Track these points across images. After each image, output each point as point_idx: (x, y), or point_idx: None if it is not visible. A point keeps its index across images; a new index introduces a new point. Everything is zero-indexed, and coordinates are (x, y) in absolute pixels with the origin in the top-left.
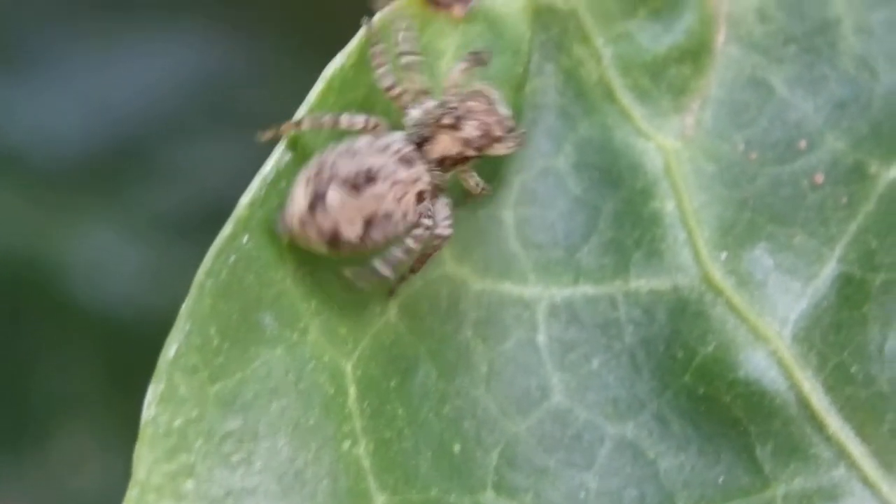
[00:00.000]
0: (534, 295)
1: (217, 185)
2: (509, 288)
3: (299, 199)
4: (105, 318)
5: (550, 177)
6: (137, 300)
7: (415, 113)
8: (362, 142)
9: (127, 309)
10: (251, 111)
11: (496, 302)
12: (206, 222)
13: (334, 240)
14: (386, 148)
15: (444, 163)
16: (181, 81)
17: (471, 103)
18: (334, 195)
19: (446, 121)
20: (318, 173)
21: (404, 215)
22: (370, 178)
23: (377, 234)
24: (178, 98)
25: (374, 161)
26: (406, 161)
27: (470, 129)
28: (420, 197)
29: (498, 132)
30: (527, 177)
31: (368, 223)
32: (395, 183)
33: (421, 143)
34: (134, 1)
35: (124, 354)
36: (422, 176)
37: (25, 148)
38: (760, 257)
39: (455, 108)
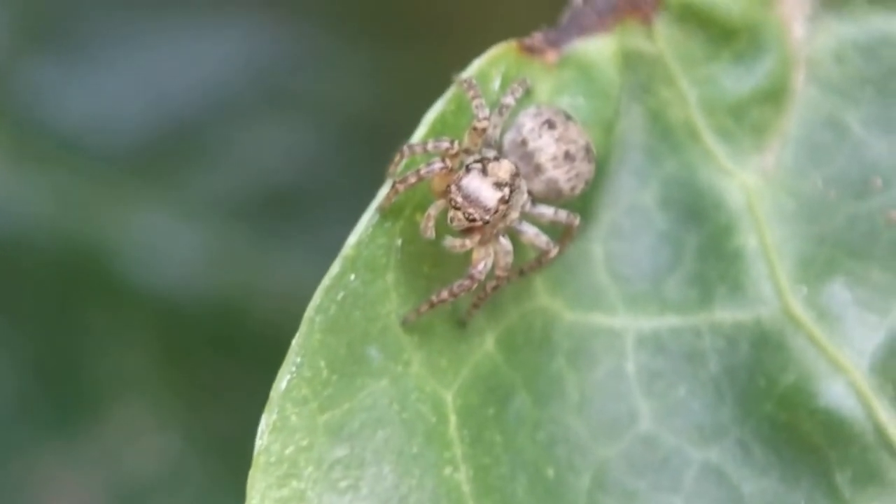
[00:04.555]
0: (622, 325)
1: (271, 168)
2: (599, 319)
3: None
4: (160, 298)
5: (637, 212)
6: (192, 281)
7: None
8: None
9: (182, 290)
10: (304, 94)
11: (587, 332)
12: (259, 204)
13: None
14: None
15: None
16: (235, 65)
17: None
18: None
19: None
20: None
21: None
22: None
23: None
24: (233, 81)
25: None
26: None
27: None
28: None
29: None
30: (615, 213)
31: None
32: None
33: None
34: None
35: (179, 334)
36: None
37: (81, 131)
38: (839, 291)
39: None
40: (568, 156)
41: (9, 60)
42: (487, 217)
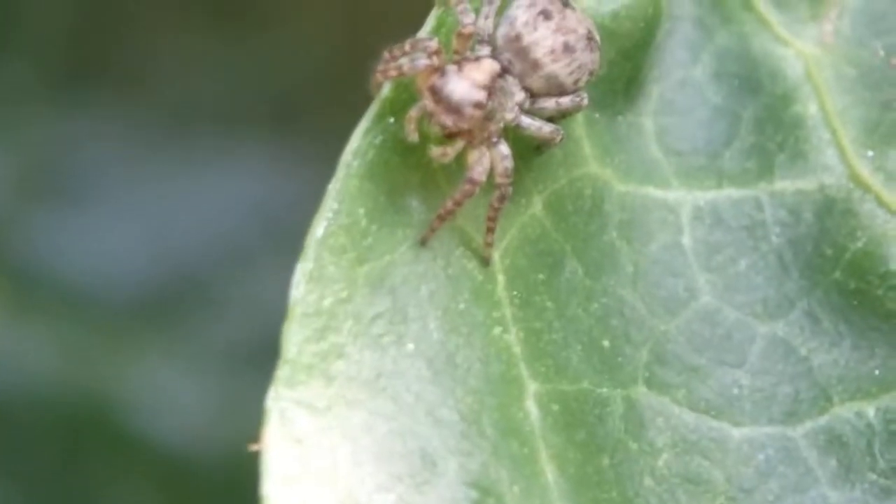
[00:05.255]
0: (677, 199)
1: (278, 315)
2: (652, 192)
3: None
4: (167, 450)
5: (689, 87)
6: (200, 431)
7: None
8: None
9: (189, 440)
10: None
11: (640, 205)
12: (267, 353)
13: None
14: None
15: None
16: (239, 211)
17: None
18: None
19: None
20: None
21: None
22: None
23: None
24: (237, 227)
25: None
26: None
27: None
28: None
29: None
30: (665, 87)
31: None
32: None
33: None
34: (191, 136)
35: (187, 486)
36: None
37: (84, 282)
38: None
39: None
40: (567, 47)
41: (11, 212)
42: (463, 125)
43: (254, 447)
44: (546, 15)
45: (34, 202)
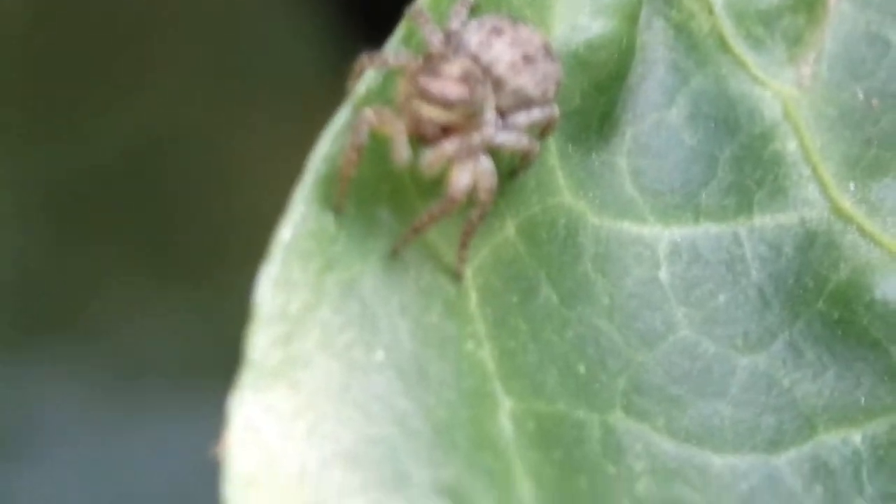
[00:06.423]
0: (653, 234)
1: None
2: (628, 227)
3: None
4: None
5: (664, 129)
6: None
7: None
8: None
9: None
10: None
11: (615, 239)
12: None
13: None
14: None
15: None
16: (192, 465)
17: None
18: None
19: None
20: None
21: None
22: None
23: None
24: (189, 482)
25: None
26: None
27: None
28: None
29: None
30: (639, 129)
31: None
32: None
33: None
34: (142, 389)
35: None
36: None
37: None
38: (890, 184)
39: None
40: (527, 58)
41: None
42: (466, 96)
43: (215, 451)
44: (498, 31)
45: None
